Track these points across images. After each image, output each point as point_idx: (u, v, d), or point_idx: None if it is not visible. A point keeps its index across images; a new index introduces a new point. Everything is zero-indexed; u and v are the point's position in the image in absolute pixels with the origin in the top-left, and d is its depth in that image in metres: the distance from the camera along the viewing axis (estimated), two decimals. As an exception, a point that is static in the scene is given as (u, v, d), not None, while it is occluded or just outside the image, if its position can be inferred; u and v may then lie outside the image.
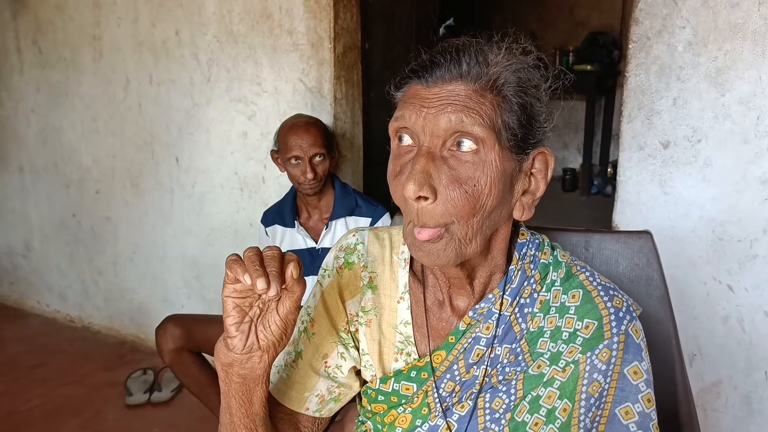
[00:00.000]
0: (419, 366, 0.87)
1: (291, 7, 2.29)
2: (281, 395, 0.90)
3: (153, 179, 2.82)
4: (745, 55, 1.63)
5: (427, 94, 0.74)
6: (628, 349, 0.80)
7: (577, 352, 0.80)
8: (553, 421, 0.80)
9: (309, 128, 1.97)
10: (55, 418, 2.43)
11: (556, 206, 4.87)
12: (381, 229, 0.95)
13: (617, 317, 0.81)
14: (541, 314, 0.84)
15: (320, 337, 0.91)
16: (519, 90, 0.75)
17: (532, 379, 0.82)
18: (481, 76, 0.73)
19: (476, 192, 0.73)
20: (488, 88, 0.73)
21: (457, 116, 0.72)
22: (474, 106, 0.72)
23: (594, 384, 0.80)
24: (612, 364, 0.80)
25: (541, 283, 0.85)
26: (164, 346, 1.98)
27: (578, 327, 0.81)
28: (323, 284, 0.93)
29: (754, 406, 1.80)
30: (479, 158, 0.73)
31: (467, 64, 0.73)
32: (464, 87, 0.73)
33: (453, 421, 0.85)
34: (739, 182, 1.69)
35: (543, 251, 0.87)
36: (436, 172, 0.73)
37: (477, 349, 0.84)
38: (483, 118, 0.72)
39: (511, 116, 0.74)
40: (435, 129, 0.73)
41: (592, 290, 0.83)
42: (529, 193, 0.80)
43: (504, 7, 5.89)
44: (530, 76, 0.77)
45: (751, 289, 1.72)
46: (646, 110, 1.76)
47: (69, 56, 2.93)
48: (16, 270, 3.47)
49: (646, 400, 0.80)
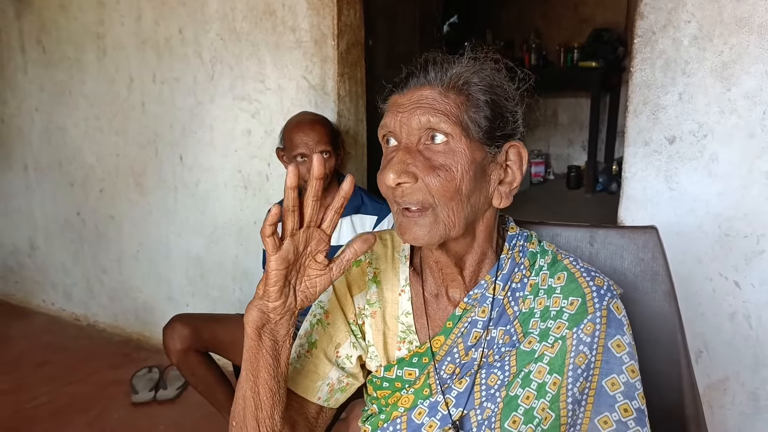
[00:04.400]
0: (420, 352, 0.95)
1: (294, 4, 2.28)
2: (295, 384, 0.96)
3: (157, 177, 2.82)
4: (751, 49, 1.61)
5: (402, 101, 0.87)
6: (611, 323, 0.88)
7: (564, 327, 0.89)
8: (544, 395, 0.87)
9: (315, 125, 1.97)
10: (61, 416, 2.44)
11: (560, 204, 4.86)
12: (384, 231, 1.05)
13: (599, 294, 0.90)
14: (531, 296, 0.93)
15: (334, 328, 0.99)
16: (482, 89, 0.87)
17: (524, 355, 0.90)
18: (444, 80, 0.86)
19: (449, 176, 0.84)
20: (451, 89, 0.86)
21: (426, 117, 0.84)
22: (439, 107, 0.85)
23: (580, 355, 0.87)
24: (596, 338, 0.87)
25: (530, 269, 0.94)
26: (171, 345, 1.97)
27: (564, 305, 0.90)
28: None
29: (761, 403, 1.78)
30: (449, 148, 0.85)
31: (433, 71, 0.87)
32: (431, 91, 0.86)
33: (452, 397, 0.92)
34: (745, 177, 1.68)
35: (531, 242, 0.97)
36: (413, 161, 0.84)
37: (474, 332, 0.92)
38: (448, 115, 0.84)
39: (478, 112, 0.86)
40: (409, 128, 0.85)
41: (575, 272, 0.92)
42: (506, 183, 0.91)
43: (508, 4, 5.87)
44: (493, 77, 0.88)
45: (758, 285, 1.71)
46: (651, 105, 1.75)
47: (73, 55, 2.94)
48: (21, 269, 3.48)
49: (630, 371, 0.86)
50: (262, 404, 0.86)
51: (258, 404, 0.86)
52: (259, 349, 0.85)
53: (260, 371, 0.85)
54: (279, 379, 0.87)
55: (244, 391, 0.87)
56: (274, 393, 0.87)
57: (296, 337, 1.00)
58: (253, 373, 0.86)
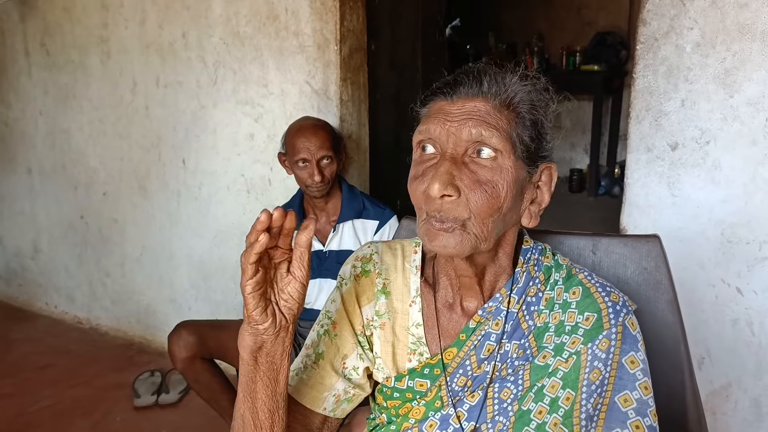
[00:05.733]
0: (432, 364, 0.94)
1: (297, 9, 2.29)
2: (301, 395, 0.96)
3: (160, 181, 2.83)
4: (754, 56, 1.61)
5: (450, 109, 0.84)
6: (626, 339, 0.87)
7: (579, 342, 0.87)
8: (557, 410, 0.86)
9: (316, 131, 1.97)
10: (63, 419, 2.44)
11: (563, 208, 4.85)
12: (393, 241, 1.04)
13: (614, 310, 0.88)
14: (546, 311, 0.91)
15: (342, 339, 0.98)
16: (531, 108, 0.86)
17: (538, 370, 0.88)
18: (499, 94, 0.84)
19: (495, 193, 0.83)
20: (505, 105, 0.84)
21: (477, 129, 0.82)
22: (492, 121, 0.83)
23: (595, 371, 0.86)
24: (611, 354, 0.86)
25: (545, 283, 0.93)
26: (177, 353, 1.96)
27: (579, 320, 0.89)
28: (342, 291, 1.00)
29: (763, 410, 1.78)
30: (497, 164, 0.83)
31: (487, 84, 0.84)
32: (484, 104, 0.84)
33: (464, 410, 0.91)
34: (748, 184, 1.68)
35: (546, 256, 0.96)
36: (459, 174, 0.82)
37: (488, 345, 0.91)
38: (500, 131, 0.83)
39: (524, 131, 0.85)
40: (458, 139, 0.83)
41: (590, 287, 0.91)
42: (536, 203, 0.91)
43: (511, 7, 5.88)
44: (540, 98, 0.88)
45: (760, 292, 1.71)
46: (653, 112, 1.75)
47: (77, 58, 2.94)
48: (25, 271, 3.49)
49: (644, 388, 0.86)
50: (261, 424, 0.85)
51: (258, 425, 0.85)
52: (256, 372, 0.84)
53: (258, 393, 0.85)
54: (278, 399, 0.86)
55: (242, 411, 0.86)
56: (273, 413, 0.86)
57: (301, 347, 0.99)
58: (251, 395, 0.85)
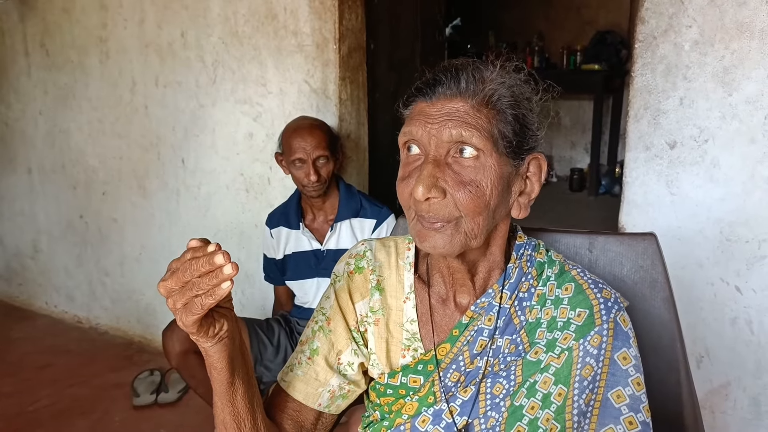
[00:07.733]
0: (425, 359, 0.94)
1: (296, 9, 2.29)
2: (295, 391, 0.97)
3: (159, 180, 2.83)
4: (753, 54, 1.61)
5: (431, 110, 0.84)
6: (618, 336, 0.88)
7: (570, 339, 0.88)
8: (549, 406, 0.86)
9: (312, 131, 1.97)
10: (62, 418, 2.44)
11: (563, 207, 4.85)
12: (387, 238, 1.05)
13: (606, 306, 0.89)
14: (538, 306, 0.92)
15: (336, 335, 0.98)
16: (512, 103, 0.85)
17: (530, 365, 0.89)
18: (477, 93, 0.83)
19: (479, 192, 0.83)
20: (484, 104, 0.83)
21: (457, 130, 0.82)
22: (472, 121, 0.82)
23: (587, 367, 0.87)
24: (603, 350, 0.87)
25: (538, 279, 0.94)
26: (171, 348, 1.97)
27: (571, 316, 0.89)
28: (336, 287, 1.01)
29: (762, 408, 1.78)
30: (479, 163, 0.83)
31: (465, 82, 0.83)
32: (463, 104, 0.83)
33: (456, 405, 0.91)
34: (746, 182, 1.67)
35: (539, 252, 0.96)
36: (443, 175, 0.83)
37: (480, 340, 0.92)
38: (480, 130, 0.82)
39: (506, 126, 0.84)
40: (439, 141, 0.83)
41: (582, 283, 0.92)
42: (525, 194, 0.90)
43: (511, 6, 5.87)
44: (522, 91, 0.87)
45: (759, 291, 1.71)
46: (652, 110, 1.75)
47: (76, 58, 2.95)
48: (24, 271, 3.49)
49: (636, 384, 0.86)
50: (243, 420, 0.87)
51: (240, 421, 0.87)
52: (217, 385, 0.85)
53: (224, 408, 0.86)
54: (239, 419, 0.87)
55: (223, 416, 0.87)
56: (239, 423, 0.87)
57: (297, 343, 1.01)
58: (230, 401, 0.86)
